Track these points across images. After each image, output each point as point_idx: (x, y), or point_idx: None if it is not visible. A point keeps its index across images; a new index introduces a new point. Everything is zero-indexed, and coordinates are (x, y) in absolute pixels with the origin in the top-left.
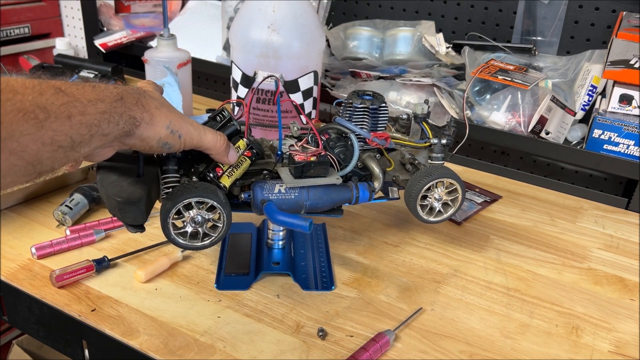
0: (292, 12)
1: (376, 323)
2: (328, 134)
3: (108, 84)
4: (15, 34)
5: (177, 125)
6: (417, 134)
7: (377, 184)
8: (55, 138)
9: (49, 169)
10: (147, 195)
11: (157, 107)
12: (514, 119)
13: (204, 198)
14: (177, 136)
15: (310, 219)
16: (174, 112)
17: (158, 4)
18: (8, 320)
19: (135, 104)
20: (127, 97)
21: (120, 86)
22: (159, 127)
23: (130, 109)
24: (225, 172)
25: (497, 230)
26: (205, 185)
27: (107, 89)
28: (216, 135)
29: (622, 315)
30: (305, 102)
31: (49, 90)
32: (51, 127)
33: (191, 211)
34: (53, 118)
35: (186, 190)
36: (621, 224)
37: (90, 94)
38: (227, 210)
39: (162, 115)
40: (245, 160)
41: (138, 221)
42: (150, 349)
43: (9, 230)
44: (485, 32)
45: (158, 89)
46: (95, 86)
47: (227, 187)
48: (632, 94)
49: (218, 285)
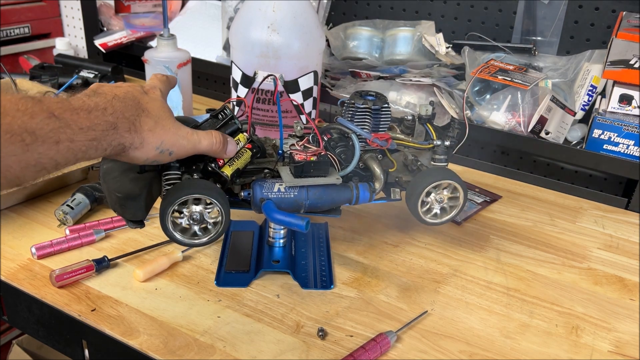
0: (292, 12)
1: (376, 323)
2: (330, 134)
3: (107, 109)
4: (15, 34)
5: (169, 144)
6: (421, 135)
7: (378, 185)
8: (40, 161)
9: (30, 183)
10: (147, 192)
11: (150, 128)
12: (514, 119)
13: (203, 195)
14: (168, 154)
15: (308, 218)
16: (169, 130)
17: (158, 4)
18: (8, 320)
19: (128, 130)
20: (122, 124)
21: (118, 110)
22: (148, 150)
23: (122, 136)
24: (227, 162)
25: (497, 230)
26: (205, 182)
27: (104, 115)
28: (210, 138)
29: (622, 315)
30: (305, 102)
31: (41, 115)
32: (37, 150)
33: (190, 208)
34: (40, 142)
35: (185, 187)
36: (621, 224)
37: (83, 121)
38: (225, 207)
39: (155, 136)
40: (246, 151)
41: (138, 217)
42: (150, 348)
43: (9, 230)
44: (485, 32)
45: (169, 84)
46: (92, 112)
47: (229, 176)
48: (632, 94)
49: (218, 282)
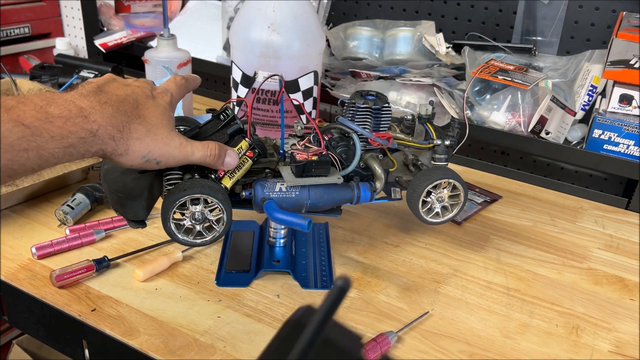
0: (292, 12)
1: (376, 323)
2: (331, 133)
3: (90, 116)
4: (15, 34)
5: (157, 155)
6: (421, 135)
7: (379, 185)
8: (9, 166)
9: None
10: (148, 191)
11: (139, 136)
12: (514, 119)
13: (205, 195)
14: (155, 162)
15: (309, 218)
16: (160, 140)
17: (158, 4)
18: (8, 320)
19: (111, 137)
20: (105, 131)
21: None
22: (134, 157)
23: (103, 142)
24: (227, 174)
25: (497, 230)
26: (206, 182)
27: (85, 122)
28: (205, 150)
29: (622, 315)
30: (305, 102)
31: (9, 123)
32: (5, 157)
33: (192, 207)
34: (7, 149)
35: (185, 188)
36: (621, 224)
37: (56, 130)
38: (227, 207)
39: (142, 145)
40: (247, 161)
41: (139, 216)
42: (150, 348)
43: (9, 230)
44: (485, 32)
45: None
46: (70, 119)
47: (228, 189)
48: (632, 94)
49: (218, 282)
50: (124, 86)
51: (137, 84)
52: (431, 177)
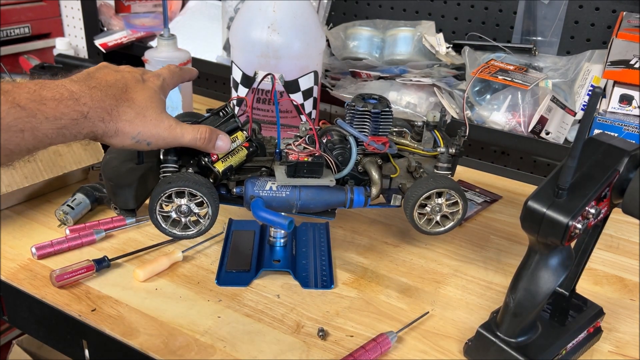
0: (292, 12)
1: (376, 323)
2: (331, 135)
3: (80, 99)
4: (15, 34)
5: (147, 135)
6: (429, 142)
7: (375, 190)
8: (5, 145)
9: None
10: (140, 182)
11: (129, 119)
12: (514, 119)
13: (189, 188)
14: (145, 144)
15: (291, 218)
16: (149, 121)
17: (158, 4)
18: (8, 320)
19: (101, 119)
20: (95, 113)
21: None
22: (124, 139)
23: (94, 124)
24: (220, 158)
25: (497, 230)
26: (192, 175)
27: (76, 104)
28: (195, 133)
29: (622, 315)
30: (305, 102)
31: (5, 104)
32: (2, 137)
33: (177, 200)
34: (5, 130)
35: (173, 180)
36: (621, 224)
37: (50, 111)
38: (212, 201)
39: (132, 127)
40: (242, 149)
41: (128, 205)
42: (151, 348)
43: (9, 230)
44: (485, 32)
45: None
46: (62, 101)
47: (220, 172)
48: (632, 94)
49: (218, 281)
50: (114, 72)
51: (128, 70)
52: (427, 184)
